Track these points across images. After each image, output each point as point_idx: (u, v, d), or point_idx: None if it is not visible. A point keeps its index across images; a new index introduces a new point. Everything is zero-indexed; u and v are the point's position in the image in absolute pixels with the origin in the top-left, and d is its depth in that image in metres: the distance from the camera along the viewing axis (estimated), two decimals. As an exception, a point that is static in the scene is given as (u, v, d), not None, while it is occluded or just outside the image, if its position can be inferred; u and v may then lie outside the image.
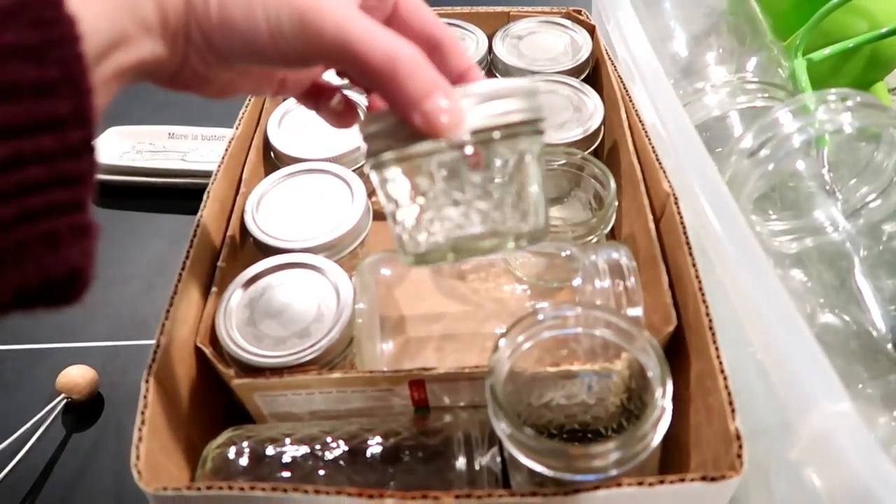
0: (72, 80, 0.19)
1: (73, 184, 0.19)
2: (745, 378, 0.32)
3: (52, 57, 0.19)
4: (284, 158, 0.45)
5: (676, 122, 0.37)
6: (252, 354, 0.35)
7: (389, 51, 0.23)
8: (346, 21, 0.23)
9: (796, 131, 0.33)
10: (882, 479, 0.22)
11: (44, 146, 0.19)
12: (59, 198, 0.19)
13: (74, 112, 0.19)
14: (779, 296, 0.27)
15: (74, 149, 0.19)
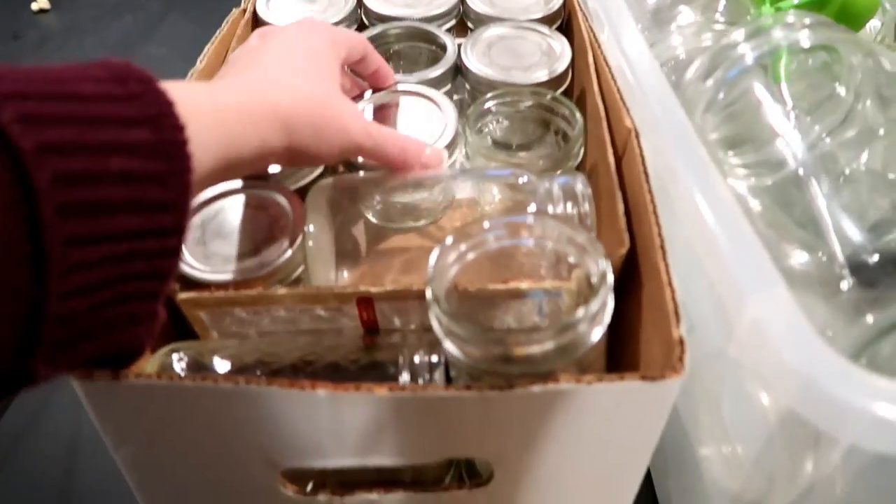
0: (178, 203, 0.23)
1: (161, 278, 0.24)
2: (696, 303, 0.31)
3: (169, 183, 0.23)
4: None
5: (640, 60, 0.37)
6: (198, 270, 0.34)
7: (399, 148, 0.37)
8: (372, 136, 0.35)
9: (750, 49, 0.33)
10: (818, 362, 0.22)
11: (149, 248, 0.23)
12: (148, 287, 0.23)
13: (175, 224, 0.23)
14: (721, 195, 0.27)
15: (170, 250, 0.23)
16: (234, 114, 0.29)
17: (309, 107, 0.33)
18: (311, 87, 0.34)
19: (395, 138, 0.37)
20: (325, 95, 0.34)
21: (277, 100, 0.31)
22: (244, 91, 0.31)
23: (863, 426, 0.21)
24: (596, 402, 0.28)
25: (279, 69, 0.34)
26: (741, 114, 0.36)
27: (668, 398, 0.28)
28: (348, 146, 0.34)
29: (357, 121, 0.35)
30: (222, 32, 0.48)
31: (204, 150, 0.26)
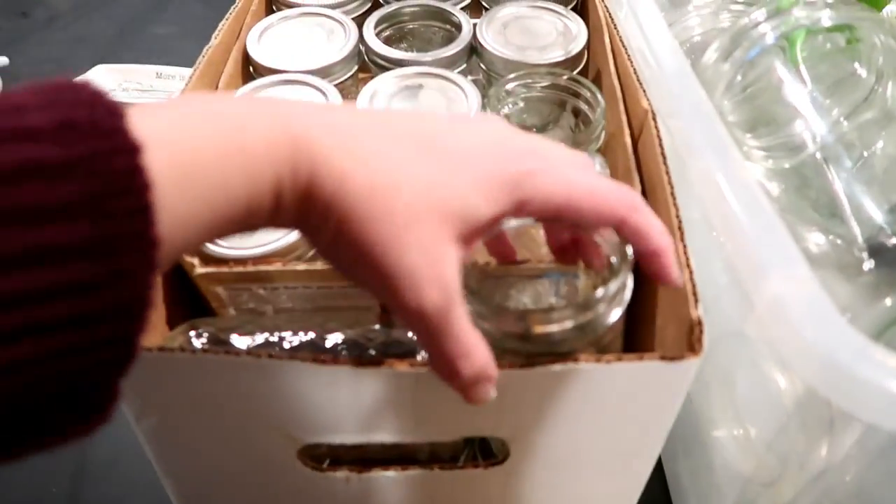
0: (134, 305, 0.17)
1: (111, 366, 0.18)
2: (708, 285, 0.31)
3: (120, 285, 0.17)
4: (263, 70, 0.45)
5: (659, 41, 0.36)
6: (216, 245, 0.34)
7: (477, 372, 0.24)
8: (440, 335, 0.23)
9: (771, 28, 0.32)
10: (840, 340, 0.22)
11: (95, 359, 0.17)
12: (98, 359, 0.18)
13: (130, 331, 0.18)
14: (742, 174, 0.27)
15: (124, 356, 0.18)
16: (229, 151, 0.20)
17: (369, 203, 0.21)
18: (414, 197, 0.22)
19: (476, 363, 0.24)
20: (417, 224, 0.22)
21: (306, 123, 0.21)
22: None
23: (882, 405, 0.21)
24: (615, 381, 0.28)
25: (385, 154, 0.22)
26: (760, 95, 0.36)
27: (687, 378, 0.28)
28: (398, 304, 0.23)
29: (423, 281, 0.22)
30: (236, 9, 0.48)
31: (179, 211, 0.19)
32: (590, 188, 0.24)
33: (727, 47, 0.34)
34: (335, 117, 0.22)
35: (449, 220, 0.22)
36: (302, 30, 0.47)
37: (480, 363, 0.24)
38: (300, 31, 0.47)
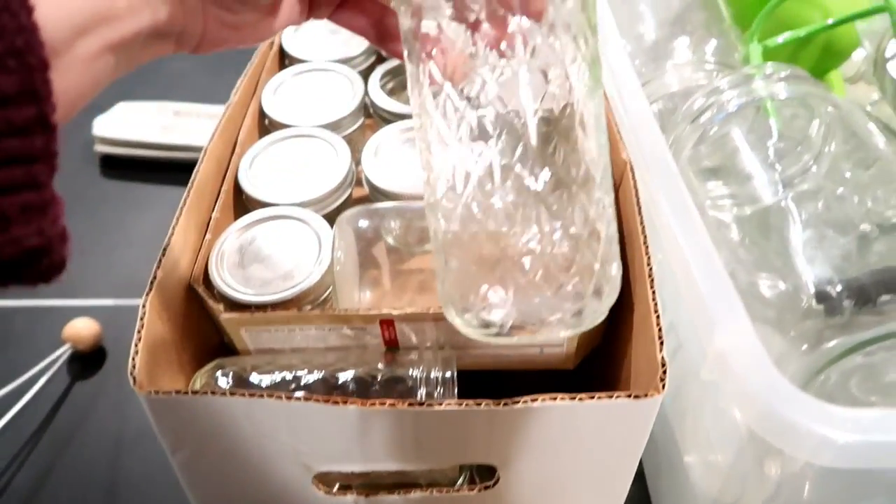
0: (18, 53, 0.19)
1: (23, 162, 0.19)
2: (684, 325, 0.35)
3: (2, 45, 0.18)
4: (277, 125, 0.49)
5: (632, 98, 0.41)
6: (239, 293, 0.39)
7: None
8: None
9: (735, 96, 0.37)
10: (773, 389, 0.26)
11: (11, 147, 0.19)
12: (7, 176, 0.19)
13: (22, 90, 0.19)
14: (698, 232, 0.31)
15: (22, 126, 0.19)
16: None
17: None
18: None
19: None
20: None
21: None
22: None
23: (809, 445, 0.25)
24: (589, 416, 0.32)
25: None
26: (725, 151, 0.40)
27: (652, 412, 0.32)
28: None
29: None
30: (252, 66, 0.52)
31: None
32: None
33: (697, 109, 0.39)
34: None
35: None
36: (313, 85, 0.52)
37: None
38: (311, 86, 0.52)
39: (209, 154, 0.44)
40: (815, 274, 0.34)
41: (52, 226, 0.21)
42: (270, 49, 0.55)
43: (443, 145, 0.26)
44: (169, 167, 0.75)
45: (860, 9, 0.47)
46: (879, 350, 0.28)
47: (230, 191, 0.45)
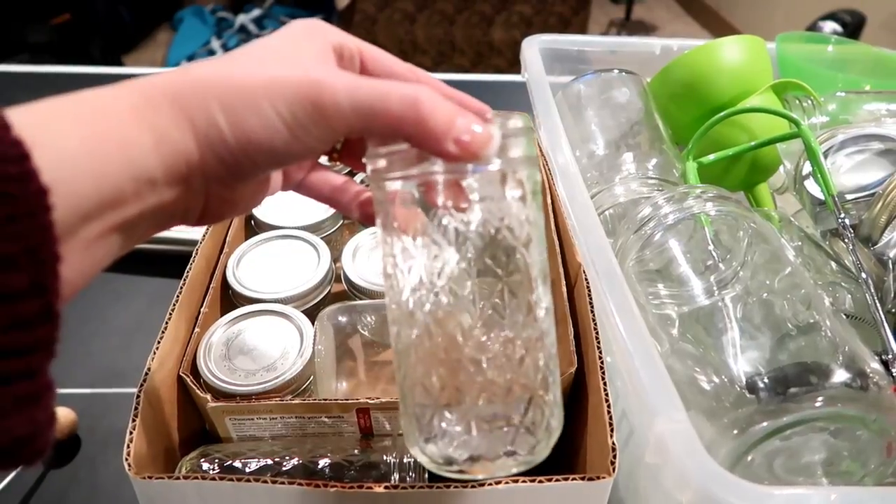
0: (32, 251, 0.19)
1: (23, 353, 0.19)
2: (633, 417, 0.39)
3: (13, 231, 0.19)
4: (263, 226, 0.53)
5: (581, 209, 0.46)
6: (225, 383, 0.42)
7: (406, 97, 0.24)
8: (356, 87, 0.24)
9: (671, 211, 0.42)
10: (705, 471, 0.30)
11: (14, 342, 0.19)
12: (6, 367, 0.19)
13: (31, 284, 0.19)
14: (639, 330, 0.35)
15: (27, 320, 0.19)
16: (110, 117, 0.22)
17: (221, 66, 0.24)
18: (238, 55, 0.25)
19: (399, 87, 0.24)
20: (258, 56, 0.25)
21: (172, 78, 0.24)
22: (117, 87, 0.24)
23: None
24: (548, 497, 0.35)
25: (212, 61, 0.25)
26: (666, 257, 0.45)
27: (604, 493, 0.35)
28: (301, 104, 0.24)
29: (305, 74, 0.24)
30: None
31: (69, 183, 0.20)
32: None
33: (638, 222, 0.44)
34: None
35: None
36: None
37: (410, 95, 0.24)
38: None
39: (200, 253, 0.48)
40: (745, 367, 0.38)
41: (43, 413, 0.20)
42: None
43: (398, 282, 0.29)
44: (148, 259, 0.78)
45: (779, 133, 0.54)
46: (793, 435, 0.32)
47: (218, 287, 0.48)
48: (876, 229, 0.46)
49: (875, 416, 0.32)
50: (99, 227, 0.22)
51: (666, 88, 0.63)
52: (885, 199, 0.46)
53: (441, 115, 0.24)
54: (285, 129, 0.24)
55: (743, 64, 0.61)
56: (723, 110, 0.56)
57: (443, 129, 0.24)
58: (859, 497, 0.29)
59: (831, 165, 0.51)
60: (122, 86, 0.24)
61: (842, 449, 0.33)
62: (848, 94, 0.60)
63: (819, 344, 0.36)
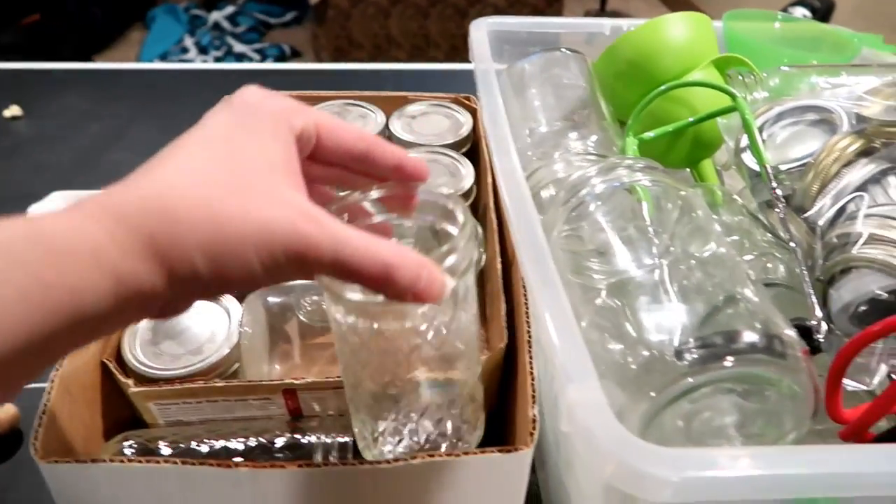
0: None
1: None
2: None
3: None
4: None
5: (514, 186, 0.45)
6: (149, 368, 0.41)
7: (382, 265, 0.25)
8: (340, 248, 0.25)
9: (601, 182, 0.42)
10: (614, 436, 0.29)
11: None
12: None
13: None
14: (559, 303, 0.35)
15: None
16: (56, 250, 0.21)
17: (198, 210, 0.23)
18: (212, 177, 0.24)
19: (377, 252, 0.25)
20: (235, 191, 0.24)
21: (138, 210, 0.23)
22: (77, 211, 0.23)
23: (647, 485, 0.28)
24: (467, 470, 0.35)
25: (168, 165, 0.25)
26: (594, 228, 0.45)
27: (525, 465, 0.35)
28: (281, 265, 0.24)
29: (290, 224, 0.24)
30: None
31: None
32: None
33: (566, 194, 0.44)
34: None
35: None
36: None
37: (384, 260, 0.25)
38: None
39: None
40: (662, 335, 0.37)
41: None
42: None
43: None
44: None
45: (718, 108, 0.54)
46: (702, 397, 0.32)
47: (148, 272, 0.47)
48: (808, 198, 0.46)
49: (785, 378, 0.31)
50: (23, 367, 0.21)
51: (612, 67, 0.62)
52: (817, 167, 0.46)
53: (408, 275, 0.26)
54: (263, 272, 0.24)
55: (687, 41, 0.60)
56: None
57: (407, 287, 0.26)
58: (768, 455, 0.29)
59: (767, 138, 0.51)
60: (87, 214, 0.23)
61: (753, 411, 0.33)
62: (791, 69, 0.60)
63: (738, 313, 0.36)
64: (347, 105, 0.64)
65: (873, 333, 0.35)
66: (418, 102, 0.64)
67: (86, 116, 1.03)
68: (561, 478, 0.42)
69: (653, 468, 0.28)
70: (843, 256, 0.41)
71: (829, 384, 0.36)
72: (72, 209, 0.23)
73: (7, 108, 1.03)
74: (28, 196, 0.81)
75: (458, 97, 0.65)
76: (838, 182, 0.45)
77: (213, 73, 1.24)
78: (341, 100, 0.64)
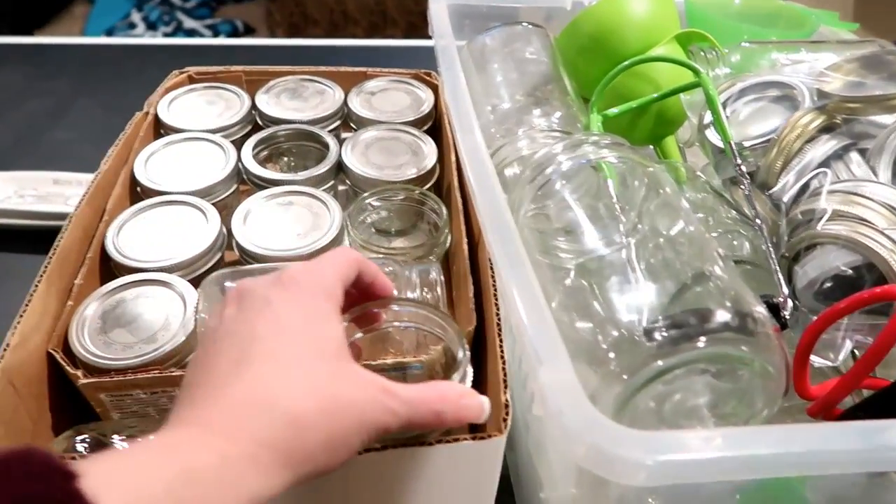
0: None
1: None
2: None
3: None
4: (149, 192, 0.50)
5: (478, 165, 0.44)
6: (99, 358, 0.39)
7: (434, 411, 0.30)
8: (412, 410, 0.29)
9: (566, 159, 0.41)
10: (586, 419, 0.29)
11: None
12: None
13: None
14: (528, 284, 0.34)
15: None
16: (196, 478, 0.24)
17: (317, 415, 0.27)
18: (316, 380, 0.28)
19: (428, 403, 0.30)
20: (333, 385, 0.28)
21: (270, 427, 0.26)
22: (214, 433, 0.25)
23: (623, 468, 0.28)
24: (438, 459, 0.34)
25: (270, 368, 0.28)
26: (561, 207, 0.44)
27: (497, 452, 0.34)
28: (372, 439, 0.29)
29: (378, 403, 0.29)
30: (125, 135, 0.53)
31: None
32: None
33: (534, 170, 0.43)
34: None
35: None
36: (186, 153, 0.53)
37: (433, 402, 0.30)
38: (184, 155, 0.53)
39: (75, 221, 0.44)
40: (633, 315, 0.37)
41: None
42: (145, 119, 0.56)
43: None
44: (45, 236, 0.73)
45: (681, 84, 0.54)
46: (676, 379, 0.32)
47: (96, 258, 0.45)
48: (772, 175, 0.46)
49: (757, 357, 0.31)
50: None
51: (574, 42, 0.61)
52: (780, 144, 0.46)
53: (452, 414, 0.31)
54: (360, 448, 0.29)
55: (649, 16, 0.60)
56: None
57: (453, 423, 0.31)
58: (739, 436, 0.29)
59: (731, 114, 0.51)
60: (229, 441, 0.25)
61: (725, 391, 0.32)
62: (752, 45, 0.60)
63: (708, 291, 0.36)
64: (304, 81, 0.62)
65: (840, 310, 0.35)
66: (378, 78, 0.63)
67: (24, 93, 0.98)
68: (532, 460, 0.42)
69: (626, 451, 0.28)
70: (808, 233, 0.41)
71: (797, 361, 0.36)
72: (208, 433, 0.26)
73: (-61, 85, 0.97)
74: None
75: (418, 73, 0.64)
76: (801, 158, 0.45)
77: (160, 48, 1.19)
78: (297, 75, 0.62)
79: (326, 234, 0.47)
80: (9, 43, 1.10)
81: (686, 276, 0.38)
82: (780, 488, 0.35)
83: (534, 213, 0.44)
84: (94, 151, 0.53)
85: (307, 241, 0.46)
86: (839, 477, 0.34)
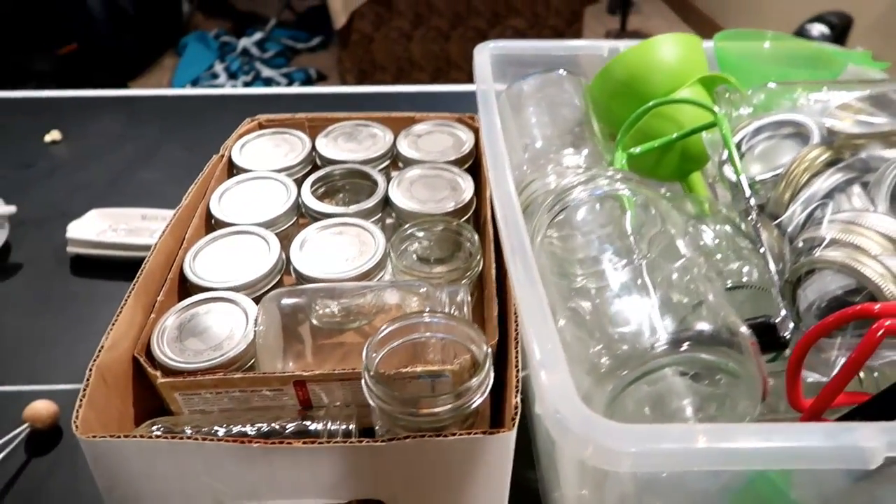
0: None
1: None
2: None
3: None
4: (221, 224, 0.58)
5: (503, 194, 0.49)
6: (175, 362, 0.46)
7: None
8: None
9: (580, 191, 0.46)
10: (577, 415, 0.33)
11: None
12: None
13: None
14: (539, 301, 0.39)
15: None
16: None
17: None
18: None
19: None
20: None
21: None
22: None
23: (609, 456, 0.32)
24: (455, 450, 0.39)
25: None
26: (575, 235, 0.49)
27: (508, 447, 0.39)
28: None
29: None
30: (203, 175, 0.61)
31: None
32: None
33: (551, 200, 0.48)
34: None
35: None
36: (254, 190, 0.61)
37: None
38: (252, 192, 0.61)
39: (159, 248, 0.52)
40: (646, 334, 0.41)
41: None
42: (220, 161, 0.64)
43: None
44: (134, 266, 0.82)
45: (702, 123, 0.58)
46: (659, 380, 0.35)
47: (175, 279, 0.53)
48: (780, 206, 0.49)
49: (731, 361, 0.35)
50: None
51: (607, 86, 0.66)
52: (789, 177, 0.49)
53: None
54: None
55: (677, 61, 0.64)
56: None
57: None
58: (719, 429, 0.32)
59: (747, 150, 0.55)
60: None
61: (707, 394, 0.36)
62: (776, 86, 0.64)
63: (702, 316, 0.39)
64: (359, 125, 0.69)
65: (827, 325, 0.38)
66: (424, 122, 0.69)
67: (119, 139, 1.10)
68: (546, 462, 0.46)
69: (612, 442, 0.32)
70: (808, 259, 0.45)
71: (790, 373, 0.39)
72: None
73: (48, 133, 1.10)
74: (67, 214, 0.87)
75: (461, 117, 0.70)
76: (807, 190, 0.49)
77: (235, 97, 1.31)
78: (353, 121, 0.69)
79: (371, 260, 0.53)
80: (108, 95, 1.23)
81: (687, 304, 0.42)
82: (767, 491, 0.37)
83: (550, 238, 0.48)
84: (177, 189, 0.61)
85: (353, 266, 0.52)
86: (824, 480, 0.37)
